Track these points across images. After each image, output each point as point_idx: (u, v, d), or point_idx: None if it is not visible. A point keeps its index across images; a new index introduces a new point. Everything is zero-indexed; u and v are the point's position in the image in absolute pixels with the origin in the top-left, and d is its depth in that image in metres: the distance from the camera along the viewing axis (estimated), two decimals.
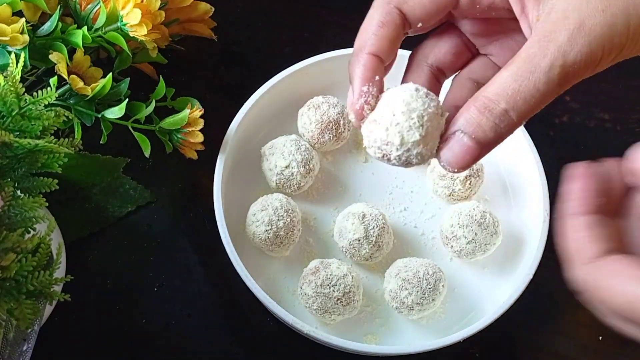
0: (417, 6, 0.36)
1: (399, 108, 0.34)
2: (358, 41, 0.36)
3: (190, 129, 0.54)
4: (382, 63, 0.36)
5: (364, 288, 0.55)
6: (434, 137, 0.34)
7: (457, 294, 0.56)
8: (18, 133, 0.41)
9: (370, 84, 0.35)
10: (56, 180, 0.41)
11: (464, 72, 0.40)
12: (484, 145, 0.33)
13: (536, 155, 0.57)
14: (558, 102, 0.67)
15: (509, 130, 0.33)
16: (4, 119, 0.41)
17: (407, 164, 0.35)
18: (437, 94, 0.39)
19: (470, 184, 0.57)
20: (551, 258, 0.56)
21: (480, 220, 0.54)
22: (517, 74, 0.32)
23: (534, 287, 0.53)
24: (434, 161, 0.58)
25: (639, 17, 0.33)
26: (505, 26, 0.38)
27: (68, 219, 0.56)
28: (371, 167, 0.61)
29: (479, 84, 0.38)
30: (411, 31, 0.38)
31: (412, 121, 0.33)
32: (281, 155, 0.56)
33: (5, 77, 0.40)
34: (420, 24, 0.37)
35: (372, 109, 0.35)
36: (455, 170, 0.34)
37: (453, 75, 0.40)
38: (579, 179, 0.34)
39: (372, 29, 0.36)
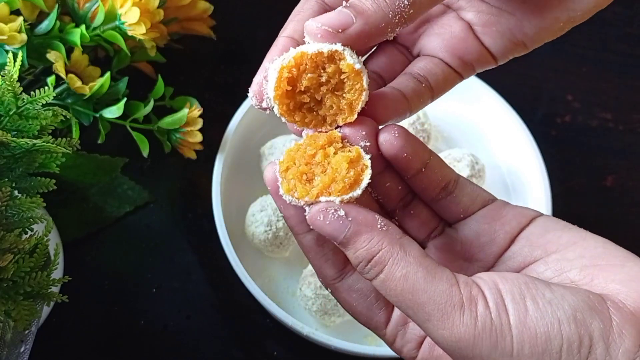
0: None
1: None
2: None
3: (189, 129, 0.54)
4: (297, 44, 0.34)
5: None
6: None
7: None
8: (15, 133, 0.41)
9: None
10: (54, 180, 0.41)
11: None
12: (366, 19, 0.31)
13: (538, 155, 0.57)
14: (560, 102, 0.68)
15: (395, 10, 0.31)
16: (2, 118, 0.41)
17: None
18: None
19: None
20: None
21: None
22: None
23: None
24: None
25: None
26: None
27: (66, 220, 0.56)
28: None
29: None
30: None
31: None
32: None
33: (2, 76, 0.40)
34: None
35: None
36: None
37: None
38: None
39: (291, 18, 0.35)
